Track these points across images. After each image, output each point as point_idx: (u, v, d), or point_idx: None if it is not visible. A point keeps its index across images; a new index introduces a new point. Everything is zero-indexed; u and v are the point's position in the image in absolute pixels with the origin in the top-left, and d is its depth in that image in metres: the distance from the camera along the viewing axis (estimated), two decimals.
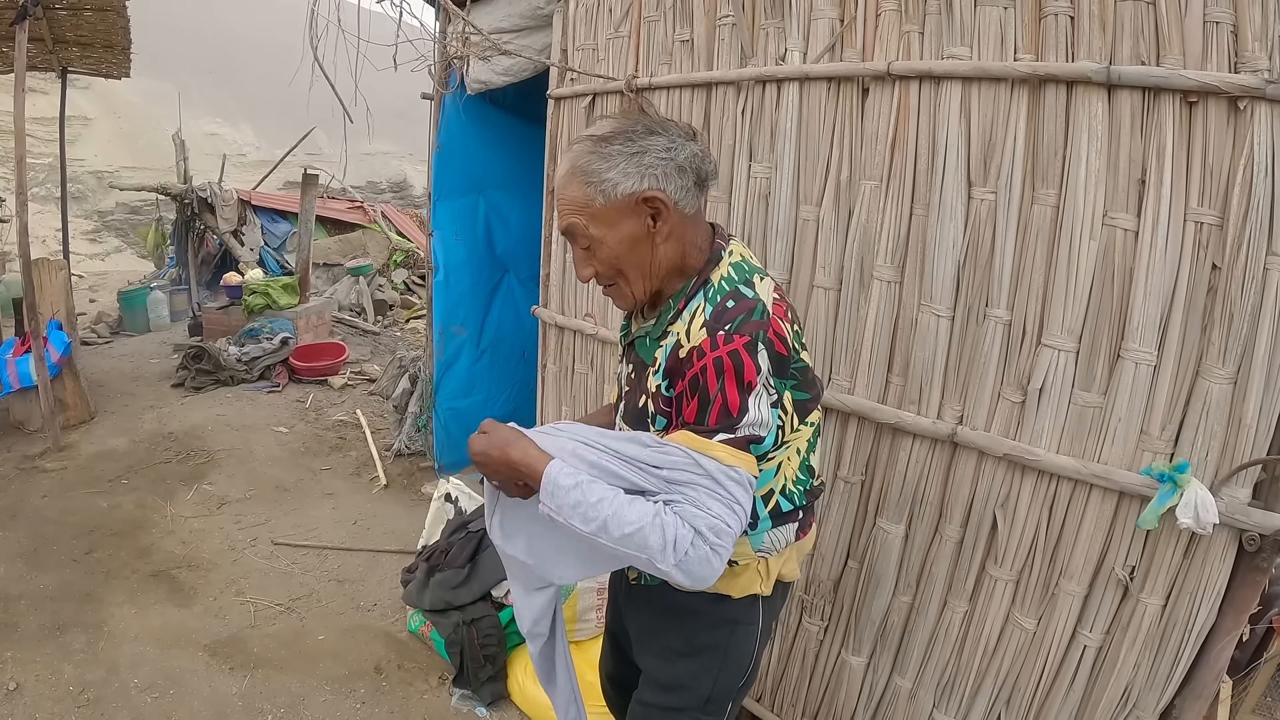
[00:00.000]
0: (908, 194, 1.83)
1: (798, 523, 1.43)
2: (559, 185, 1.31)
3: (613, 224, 1.26)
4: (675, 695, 1.45)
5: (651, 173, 1.24)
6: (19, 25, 4.14)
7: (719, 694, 1.46)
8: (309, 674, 2.66)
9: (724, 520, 1.15)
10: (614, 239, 1.27)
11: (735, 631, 1.43)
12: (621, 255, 1.29)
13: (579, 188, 1.26)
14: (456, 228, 3.93)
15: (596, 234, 1.27)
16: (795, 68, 1.99)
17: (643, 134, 1.25)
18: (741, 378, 1.18)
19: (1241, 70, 1.40)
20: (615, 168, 1.23)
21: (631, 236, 1.27)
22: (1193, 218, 1.48)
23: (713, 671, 1.43)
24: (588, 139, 1.28)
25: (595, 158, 1.25)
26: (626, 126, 1.27)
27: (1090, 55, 1.54)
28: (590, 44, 2.72)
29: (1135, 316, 1.55)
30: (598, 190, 1.24)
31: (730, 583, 1.38)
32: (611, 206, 1.25)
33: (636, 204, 1.25)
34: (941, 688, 1.94)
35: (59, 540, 3.43)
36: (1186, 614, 1.57)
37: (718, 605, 1.41)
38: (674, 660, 1.45)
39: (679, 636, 1.45)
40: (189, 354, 5.80)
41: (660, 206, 1.25)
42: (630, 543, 1.14)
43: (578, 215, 1.27)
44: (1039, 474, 1.70)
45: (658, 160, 1.24)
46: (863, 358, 1.96)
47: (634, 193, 1.24)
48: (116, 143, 16.82)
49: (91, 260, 13.25)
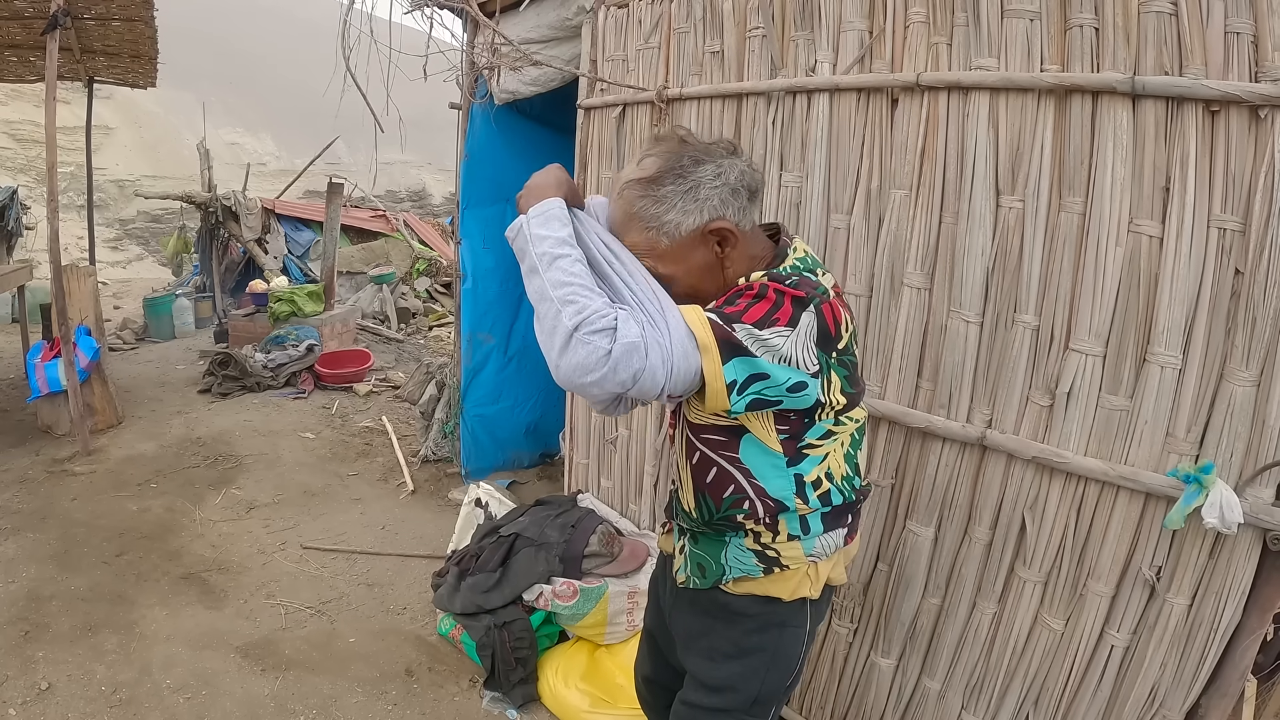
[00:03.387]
0: (937, 202, 1.87)
1: (846, 527, 1.46)
2: (617, 229, 1.34)
3: (682, 259, 1.30)
4: (722, 696, 1.47)
5: (709, 204, 1.27)
6: (50, 35, 4.21)
7: (766, 695, 1.48)
8: (340, 676, 2.69)
9: (641, 336, 1.14)
10: (684, 271, 1.31)
11: (784, 634, 1.46)
12: (696, 284, 1.32)
13: (640, 234, 1.30)
14: (485, 236, 3.98)
15: (668, 272, 1.31)
16: (825, 79, 2.04)
17: (690, 166, 1.27)
18: (771, 309, 1.20)
19: (1262, 79, 1.43)
20: (673, 208, 1.27)
21: (703, 265, 1.31)
22: (1216, 224, 1.51)
23: (761, 673, 1.46)
24: (636, 183, 1.30)
25: (649, 202, 1.28)
26: (672, 163, 1.28)
27: (1115, 66, 1.58)
28: (620, 54, 2.78)
29: (1160, 321, 1.58)
30: (660, 234, 1.28)
31: (781, 585, 1.42)
32: (678, 245, 1.29)
33: (703, 235, 1.29)
34: (970, 689, 1.96)
35: (89, 542, 3.47)
36: (1212, 613, 1.58)
37: (768, 607, 1.44)
38: (722, 662, 1.47)
39: (727, 638, 1.47)
40: (215, 360, 5.88)
41: (727, 234, 1.29)
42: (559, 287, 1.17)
43: (646, 257, 1.31)
44: (1067, 476, 1.73)
45: (712, 191, 1.27)
46: (893, 363, 2.00)
47: (697, 227, 1.27)
48: (137, 152, 17.05)
49: (114, 268, 13.41)
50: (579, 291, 1.16)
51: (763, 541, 1.42)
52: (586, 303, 1.15)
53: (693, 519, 1.48)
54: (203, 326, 7.87)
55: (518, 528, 2.82)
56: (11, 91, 12.80)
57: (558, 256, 1.20)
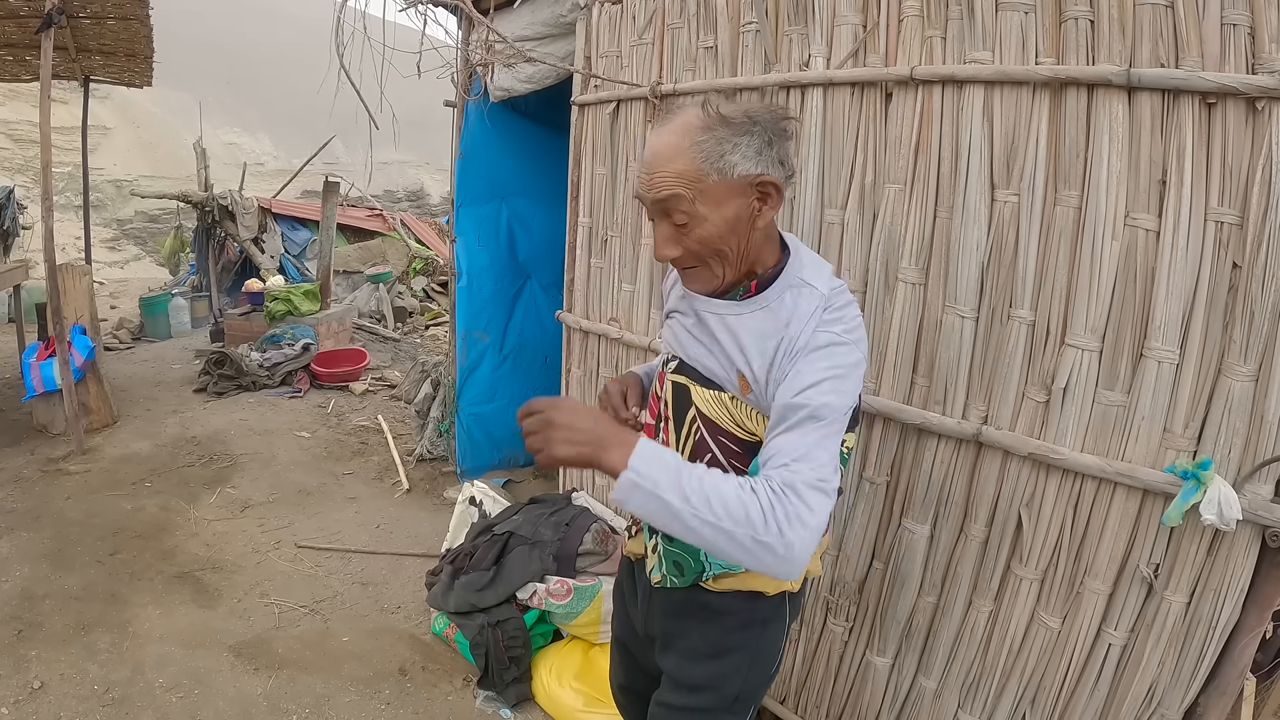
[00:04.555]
0: (931, 197, 1.85)
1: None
2: (660, 154, 1.24)
3: (720, 203, 1.23)
4: (701, 696, 1.44)
5: (768, 161, 1.22)
6: (44, 34, 4.20)
7: (747, 693, 1.46)
8: (334, 675, 2.68)
9: (822, 473, 1.11)
10: (718, 217, 1.23)
11: (766, 629, 1.44)
12: (724, 235, 1.25)
13: (690, 160, 1.21)
14: (480, 234, 3.97)
15: (702, 210, 1.23)
16: (819, 73, 2.02)
17: (766, 128, 1.23)
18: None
19: (1259, 71, 1.42)
20: (736, 150, 1.20)
21: (735, 217, 1.24)
22: (1213, 217, 1.49)
23: (743, 671, 1.43)
24: (704, 111, 1.23)
25: (715, 139, 1.20)
26: (752, 117, 1.23)
27: (1110, 58, 1.56)
28: (614, 51, 2.76)
29: (1157, 315, 1.56)
30: (714, 167, 1.20)
31: (763, 579, 1.39)
32: (725, 184, 1.21)
33: (749, 186, 1.23)
34: (966, 688, 1.94)
35: (83, 541, 3.46)
36: (1210, 611, 1.57)
37: (752, 603, 1.41)
38: (701, 661, 1.44)
39: (707, 638, 1.44)
40: (211, 359, 5.86)
41: (772, 190, 1.24)
42: (729, 515, 1.06)
43: (686, 188, 1.21)
44: (1063, 473, 1.71)
45: (775, 154, 1.23)
46: (888, 359, 1.99)
47: (750, 175, 1.22)
48: (135, 152, 17.02)
49: (111, 268, 13.39)
50: (746, 500, 1.08)
51: None
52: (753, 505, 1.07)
53: None
54: (199, 326, 7.86)
55: (511, 526, 2.80)
56: (9, 92, 12.78)
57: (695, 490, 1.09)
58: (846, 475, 2.08)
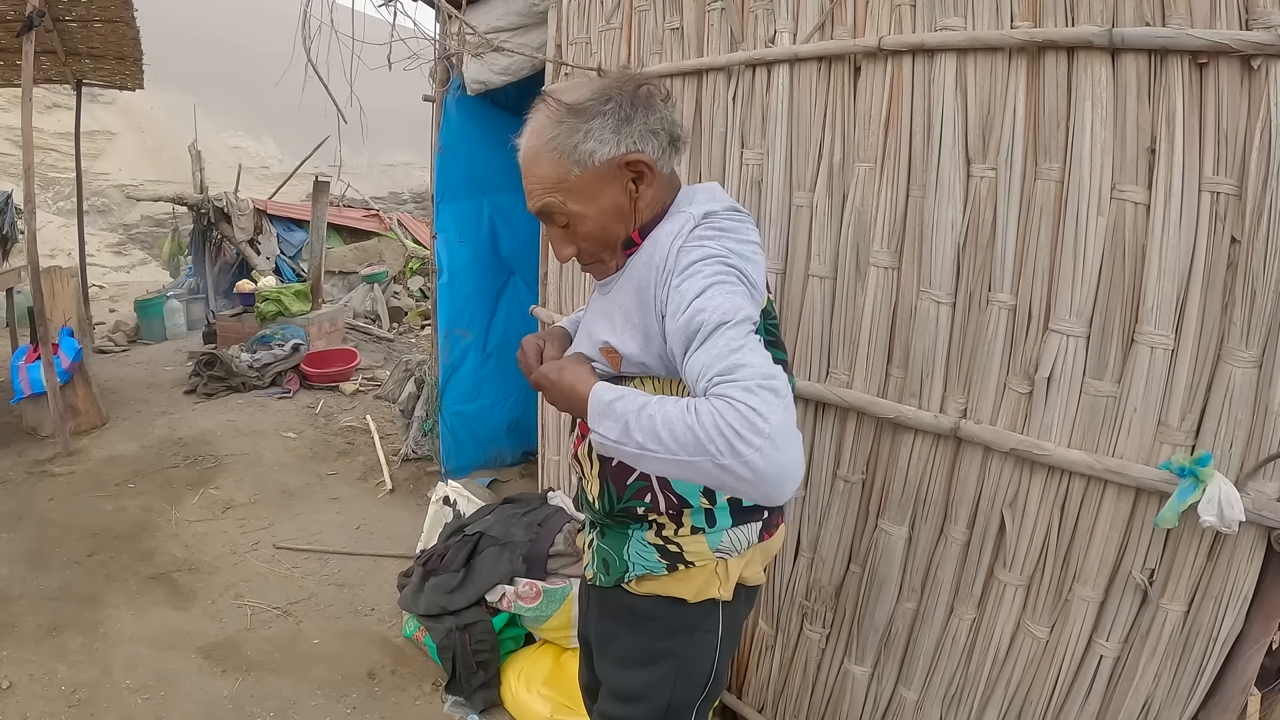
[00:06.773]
0: (903, 175, 1.73)
1: (762, 522, 1.33)
2: (525, 162, 1.20)
3: (593, 195, 1.17)
4: (633, 706, 1.37)
5: (628, 139, 1.15)
6: (25, 36, 4.19)
7: (678, 705, 1.37)
8: (302, 678, 2.63)
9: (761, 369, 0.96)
10: (595, 211, 1.18)
11: (693, 639, 1.34)
12: (607, 225, 1.19)
13: (550, 162, 1.16)
14: (461, 230, 3.89)
15: (576, 209, 1.18)
16: (785, 49, 1.90)
17: (622, 97, 1.16)
18: None
19: (1254, 27, 1.30)
20: (590, 135, 1.14)
21: (614, 206, 1.18)
22: (1208, 187, 1.37)
23: (670, 681, 1.34)
24: (553, 106, 1.16)
25: (564, 130, 1.15)
26: (599, 95, 1.16)
27: (1091, 18, 1.44)
28: (584, 37, 2.67)
29: (1149, 297, 1.44)
30: (572, 161, 1.15)
31: (685, 585, 1.30)
32: (590, 175, 1.15)
33: (618, 169, 1.16)
34: (949, 700, 1.83)
35: (62, 543, 3.45)
36: (1211, 620, 1.46)
37: (672, 610, 1.32)
38: (632, 669, 1.37)
39: (635, 644, 1.36)
40: (201, 361, 5.85)
41: (644, 169, 1.17)
42: (682, 447, 0.94)
43: (553, 193, 1.17)
44: (1049, 470, 1.60)
45: (633, 127, 1.15)
46: (860, 349, 1.87)
47: (613, 158, 1.15)
48: (141, 157, 17.16)
49: (116, 272, 13.51)
50: (683, 431, 0.95)
51: (665, 534, 1.29)
52: (700, 434, 0.94)
53: (596, 510, 1.37)
54: (194, 328, 7.85)
55: (483, 526, 2.72)
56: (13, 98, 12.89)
57: (641, 445, 1.00)
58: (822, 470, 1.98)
